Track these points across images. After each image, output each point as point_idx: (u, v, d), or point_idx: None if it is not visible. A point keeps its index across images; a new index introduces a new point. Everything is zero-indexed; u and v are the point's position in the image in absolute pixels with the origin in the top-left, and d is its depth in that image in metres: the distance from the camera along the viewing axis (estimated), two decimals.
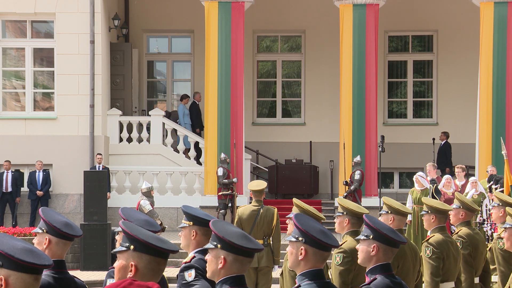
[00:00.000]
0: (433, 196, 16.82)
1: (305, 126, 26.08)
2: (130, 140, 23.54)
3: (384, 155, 22.20)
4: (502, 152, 17.94)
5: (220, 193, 20.92)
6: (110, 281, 5.39)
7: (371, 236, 4.81)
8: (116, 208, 19.89)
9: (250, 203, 11.70)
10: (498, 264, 8.17)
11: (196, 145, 23.57)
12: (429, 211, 7.51)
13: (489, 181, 17.43)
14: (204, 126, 22.87)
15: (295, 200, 7.63)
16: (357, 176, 20.98)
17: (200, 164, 23.15)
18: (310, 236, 4.17)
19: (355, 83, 21.97)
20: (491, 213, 8.82)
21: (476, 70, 22.36)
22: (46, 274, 4.44)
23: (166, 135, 23.61)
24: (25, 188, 22.46)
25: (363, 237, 4.85)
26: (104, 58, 23.11)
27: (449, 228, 12.86)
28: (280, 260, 11.35)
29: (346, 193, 20.81)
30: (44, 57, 23.86)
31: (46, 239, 4.67)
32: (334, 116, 23.79)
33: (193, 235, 5.35)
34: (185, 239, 5.39)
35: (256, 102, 26.59)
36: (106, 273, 5.71)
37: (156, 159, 23.24)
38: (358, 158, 21.22)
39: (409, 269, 7.00)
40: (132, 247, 3.79)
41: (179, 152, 23.48)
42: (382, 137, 21.78)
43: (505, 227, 6.63)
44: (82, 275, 16.28)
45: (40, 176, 22.23)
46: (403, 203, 12.18)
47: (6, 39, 23.56)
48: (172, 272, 15.81)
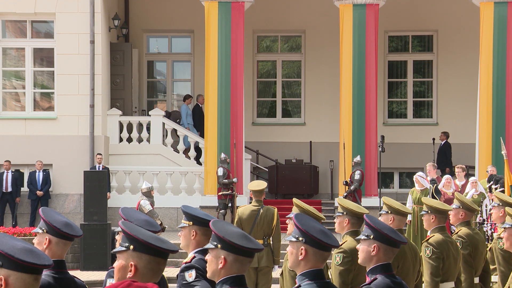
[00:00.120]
0: (433, 196, 16.81)
1: (305, 126, 26.07)
2: (130, 140, 23.54)
3: (384, 155, 22.19)
4: (502, 152, 17.93)
5: (220, 193, 20.92)
6: (110, 281, 5.39)
7: (372, 236, 4.80)
8: (116, 208, 19.89)
9: (250, 203, 11.69)
10: (498, 264, 8.17)
11: (196, 145, 23.57)
12: (429, 211, 7.52)
13: (489, 181, 17.40)
14: (204, 126, 22.87)
15: (295, 200, 7.63)
16: (357, 176, 20.97)
17: (200, 164, 23.14)
18: (310, 236, 4.17)
19: (355, 83, 21.97)
20: (491, 213, 8.82)
21: (476, 70, 22.35)
22: (46, 274, 4.44)
23: (166, 135, 23.60)
24: (25, 188, 22.46)
25: (364, 237, 4.85)
26: (104, 58, 23.10)
27: (449, 228, 12.86)
28: (280, 260, 11.34)
29: (346, 193, 20.80)
30: (44, 57, 23.85)
31: (46, 239, 4.67)
32: (334, 116, 23.79)
33: (193, 235, 5.34)
34: (185, 239, 5.39)
35: (256, 102, 26.58)
36: (106, 273, 5.71)
37: (156, 159, 23.24)
38: (358, 158, 21.22)
39: (409, 269, 7.00)
40: (132, 247, 3.78)
41: (179, 152, 23.48)
42: (382, 137, 21.78)
43: (505, 227, 6.62)
44: (82, 275, 16.28)
45: (40, 176, 22.22)
46: (403, 203, 12.17)
47: (6, 39, 23.55)
48: (172, 272, 15.81)
